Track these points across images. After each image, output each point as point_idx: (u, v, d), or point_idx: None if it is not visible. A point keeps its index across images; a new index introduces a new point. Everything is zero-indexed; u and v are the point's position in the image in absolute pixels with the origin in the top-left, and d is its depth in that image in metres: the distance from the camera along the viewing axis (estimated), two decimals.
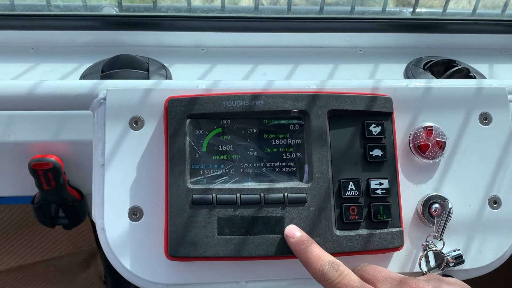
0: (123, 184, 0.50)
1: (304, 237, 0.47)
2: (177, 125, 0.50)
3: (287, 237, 0.48)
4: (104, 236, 0.50)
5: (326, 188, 0.50)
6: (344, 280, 0.42)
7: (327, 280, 0.43)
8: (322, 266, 0.44)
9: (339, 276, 0.43)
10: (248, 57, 0.75)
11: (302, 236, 0.47)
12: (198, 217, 0.48)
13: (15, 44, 0.73)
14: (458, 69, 0.70)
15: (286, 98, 0.51)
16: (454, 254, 0.51)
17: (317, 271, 0.44)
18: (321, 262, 0.44)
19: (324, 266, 0.44)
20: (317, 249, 0.46)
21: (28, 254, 1.03)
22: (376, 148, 0.51)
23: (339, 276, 0.43)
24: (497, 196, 0.54)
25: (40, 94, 0.53)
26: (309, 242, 0.46)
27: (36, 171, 0.62)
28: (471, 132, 0.55)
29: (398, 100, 0.54)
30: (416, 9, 0.79)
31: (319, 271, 0.44)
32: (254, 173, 0.50)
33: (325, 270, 0.43)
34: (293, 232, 0.47)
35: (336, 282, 0.42)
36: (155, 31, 0.74)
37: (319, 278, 0.44)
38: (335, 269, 0.43)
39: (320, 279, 0.44)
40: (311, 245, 0.46)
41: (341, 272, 0.43)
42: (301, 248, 0.46)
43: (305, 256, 0.45)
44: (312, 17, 0.77)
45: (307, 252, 0.45)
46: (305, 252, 0.46)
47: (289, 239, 0.47)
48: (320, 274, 0.43)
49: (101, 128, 0.52)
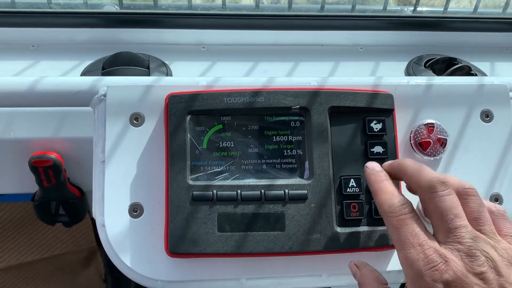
0: (124, 180, 0.50)
1: (382, 172, 0.45)
2: (178, 122, 0.50)
3: (366, 168, 0.46)
4: (104, 233, 0.50)
5: (327, 185, 0.50)
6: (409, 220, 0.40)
7: (391, 212, 0.41)
8: (391, 200, 0.42)
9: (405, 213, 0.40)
10: (249, 55, 0.75)
11: (381, 171, 0.45)
12: (198, 214, 0.48)
13: (15, 41, 0.73)
14: (459, 67, 0.70)
15: (287, 95, 0.51)
16: None
17: (384, 204, 0.42)
18: (390, 196, 0.42)
19: (393, 200, 0.42)
20: (390, 185, 0.44)
21: (28, 252, 1.03)
22: (377, 145, 0.51)
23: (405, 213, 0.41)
24: (498, 193, 0.53)
25: (40, 90, 0.52)
26: (385, 177, 0.45)
27: (37, 168, 0.62)
28: (472, 129, 0.54)
29: (399, 97, 0.53)
30: (417, 7, 0.79)
31: (386, 204, 0.42)
32: (255, 170, 0.50)
33: (393, 203, 0.41)
34: (374, 166, 0.46)
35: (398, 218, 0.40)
36: (155, 28, 0.74)
37: (384, 211, 0.42)
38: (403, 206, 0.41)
39: (385, 211, 0.42)
40: (386, 179, 0.44)
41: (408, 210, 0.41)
42: (376, 179, 0.44)
43: (376, 187, 0.44)
44: (313, 15, 0.77)
45: (379, 184, 0.44)
46: (377, 184, 0.44)
47: (367, 169, 0.46)
48: (387, 207, 0.42)
49: (101, 125, 0.52)
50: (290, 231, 0.48)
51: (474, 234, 0.38)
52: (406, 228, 0.40)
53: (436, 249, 0.38)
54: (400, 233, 0.40)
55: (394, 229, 0.40)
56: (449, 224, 0.39)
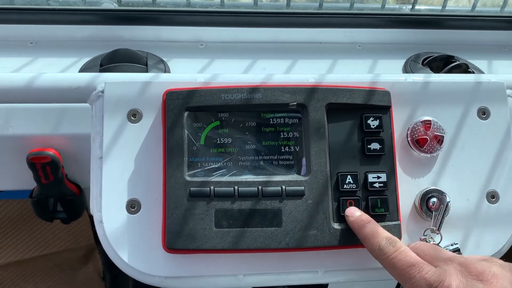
0: (121, 176, 0.50)
1: (363, 216, 0.48)
2: (175, 118, 0.50)
3: (346, 216, 0.49)
4: (102, 229, 0.50)
5: (324, 181, 0.50)
6: (401, 255, 0.43)
7: (383, 255, 0.43)
8: (379, 242, 0.44)
9: (396, 251, 0.43)
10: (247, 52, 0.75)
11: (362, 215, 0.48)
12: (196, 210, 0.48)
13: (14, 38, 0.73)
14: (457, 65, 0.70)
15: (285, 92, 0.51)
16: (451, 248, 0.51)
17: (374, 247, 0.44)
18: (378, 238, 0.45)
19: (381, 241, 0.44)
20: (375, 226, 0.47)
21: (27, 249, 1.03)
22: (374, 142, 0.51)
23: (395, 251, 0.43)
24: (495, 190, 0.54)
25: (38, 86, 0.52)
26: (368, 220, 0.47)
27: (34, 164, 0.62)
28: (469, 126, 0.55)
29: (396, 94, 0.54)
30: (415, 5, 0.79)
31: (376, 246, 0.44)
32: (252, 166, 0.50)
33: (382, 245, 0.44)
34: (353, 211, 0.49)
35: (392, 257, 0.43)
36: (154, 25, 0.74)
37: (376, 253, 0.44)
38: (392, 245, 0.44)
39: (377, 253, 0.44)
40: (369, 222, 0.47)
41: (398, 247, 0.43)
42: (360, 225, 0.47)
43: (363, 233, 0.46)
44: (311, 13, 0.77)
45: (365, 229, 0.46)
46: (363, 229, 0.46)
47: (349, 218, 0.48)
48: (377, 249, 0.44)
49: (99, 121, 0.52)
50: (287, 227, 0.48)
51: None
52: (401, 264, 0.42)
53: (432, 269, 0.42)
54: (397, 269, 0.42)
55: (391, 268, 0.43)
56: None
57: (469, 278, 0.40)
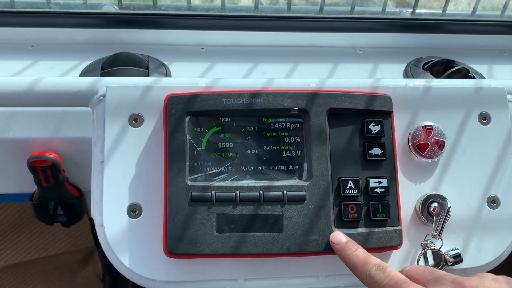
0: (122, 181, 0.50)
1: (350, 243, 0.47)
2: (177, 123, 0.50)
3: (332, 244, 0.47)
4: (103, 233, 0.50)
5: (325, 186, 0.50)
6: (391, 281, 0.42)
7: (374, 282, 0.43)
8: (368, 270, 0.43)
9: (386, 278, 0.42)
10: (248, 56, 0.75)
11: (348, 242, 0.47)
12: (197, 214, 0.48)
13: (14, 41, 0.73)
14: (458, 69, 0.70)
15: (286, 96, 0.51)
16: (452, 253, 0.51)
17: (364, 275, 0.43)
18: (367, 266, 0.44)
19: (371, 269, 0.43)
20: (363, 253, 0.46)
21: (26, 252, 1.02)
22: (375, 147, 0.51)
23: (386, 277, 0.42)
24: (495, 195, 0.54)
25: (39, 90, 0.52)
26: (355, 247, 0.46)
27: (35, 168, 0.62)
28: (470, 131, 0.55)
29: (397, 99, 0.54)
30: (416, 9, 0.79)
31: (366, 274, 0.43)
32: (254, 171, 0.50)
33: (372, 273, 0.43)
34: (339, 238, 0.47)
35: (384, 284, 0.42)
36: (155, 29, 0.74)
37: (366, 281, 0.43)
38: (382, 271, 0.43)
39: (368, 282, 0.43)
40: (357, 249, 0.46)
41: (388, 273, 0.43)
42: (347, 253, 0.46)
43: (351, 261, 0.45)
44: (312, 17, 0.77)
45: (353, 257, 0.45)
46: (351, 257, 0.45)
47: (335, 245, 0.47)
48: (367, 277, 0.43)
49: (100, 125, 0.52)
50: (288, 232, 0.48)
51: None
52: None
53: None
54: None
55: None
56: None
57: None
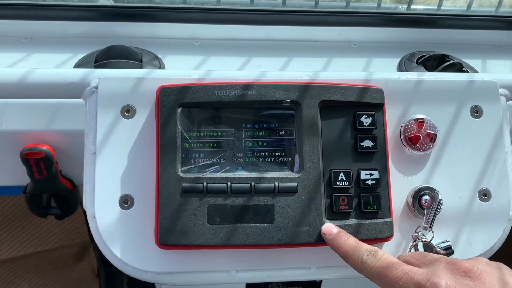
0: (114, 172, 0.50)
1: (341, 233, 0.47)
2: (169, 114, 0.50)
3: (324, 235, 0.48)
4: (95, 224, 0.50)
5: (317, 178, 0.50)
6: (383, 263, 0.42)
7: (367, 267, 0.43)
8: (360, 256, 0.44)
9: (379, 261, 0.43)
10: (242, 49, 0.75)
11: (339, 232, 0.47)
12: (188, 206, 0.48)
13: (8, 34, 0.73)
14: (451, 64, 0.70)
15: (278, 88, 0.51)
16: (443, 245, 0.51)
17: (357, 261, 0.44)
18: (359, 252, 0.44)
19: (363, 255, 0.44)
20: (354, 241, 0.46)
21: (20, 246, 1.02)
22: (366, 139, 0.51)
23: (378, 260, 0.43)
24: (487, 188, 0.54)
25: (32, 82, 0.52)
26: (346, 237, 0.47)
27: (28, 160, 0.62)
28: (462, 124, 0.55)
29: (389, 92, 0.54)
30: (411, 5, 0.79)
31: (358, 260, 0.44)
32: (245, 163, 0.50)
33: (364, 258, 0.43)
34: (330, 229, 0.48)
35: (376, 267, 0.43)
36: (149, 22, 0.74)
37: (360, 268, 0.44)
38: (373, 255, 0.43)
39: (361, 268, 0.44)
40: (348, 238, 0.46)
41: (380, 257, 0.43)
42: (339, 243, 0.46)
43: (343, 250, 0.46)
44: (307, 11, 0.77)
45: (345, 246, 0.46)
46: (342, 246, 0.46)
47: (326, 236, 0.47)
48: (360, 263, 0.44)
49: (92, 117, 0.52)
50: (280, 223, 0.48)
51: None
52: (386, 272, 0.42)
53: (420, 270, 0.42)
54: (382, 277, 0.42)
55: (376, 278, 0.43)
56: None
57: (458, 274, 0.40)
